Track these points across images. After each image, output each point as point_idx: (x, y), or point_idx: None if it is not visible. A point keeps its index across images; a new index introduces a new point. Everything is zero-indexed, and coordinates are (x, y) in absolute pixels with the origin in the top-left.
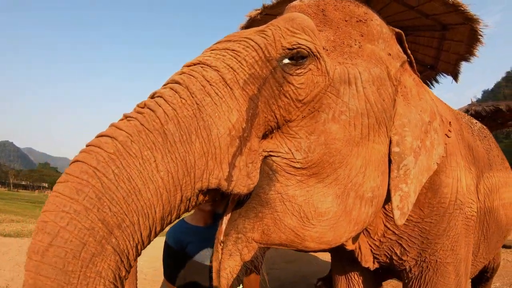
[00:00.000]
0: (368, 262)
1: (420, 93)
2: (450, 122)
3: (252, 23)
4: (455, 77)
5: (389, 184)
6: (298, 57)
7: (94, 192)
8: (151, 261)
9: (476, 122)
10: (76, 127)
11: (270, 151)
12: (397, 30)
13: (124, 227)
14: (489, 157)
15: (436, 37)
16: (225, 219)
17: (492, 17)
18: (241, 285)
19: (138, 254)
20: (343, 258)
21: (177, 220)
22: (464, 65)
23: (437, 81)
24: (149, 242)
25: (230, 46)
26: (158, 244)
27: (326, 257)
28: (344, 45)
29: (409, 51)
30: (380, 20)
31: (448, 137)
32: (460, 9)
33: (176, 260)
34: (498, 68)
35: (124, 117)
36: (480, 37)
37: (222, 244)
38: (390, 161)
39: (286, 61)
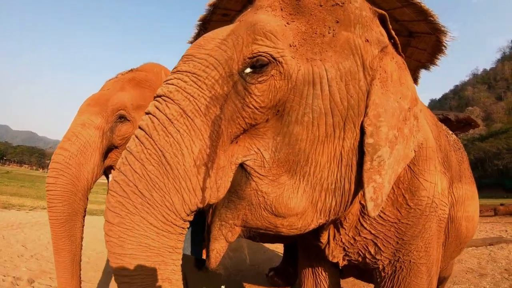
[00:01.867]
0: (337, 257)
1: (401, 78)
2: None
3: (222, 0)
4: (414, 82)
5: (362, 176)
6: (259, 65)
7: None
8: (93, 243)
9: (452, 134)
10: (36, 99)
11: (242, 157)
12: (380, 11)
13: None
14: (460, 168)
15: (401, 43)
16: (211, 211)
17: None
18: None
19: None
20: (311, 253)
21: None
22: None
23: None
24: None
25: (191, 68)
26: (98, 224)
27: (272, 246)
28: (316, 35)
29: (392, 32)
30: (360, 1)
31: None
32: (430, 19)
33: None
34: (447, 80)
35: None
36: (444, 48)
37: (206, 229)
38: (364, 153)
39: (247, 70)
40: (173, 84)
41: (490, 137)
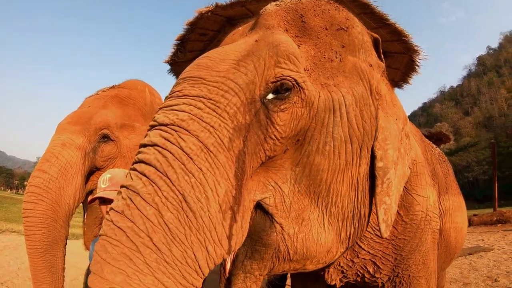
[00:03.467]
0: (334, 280)
1: (393, 100)
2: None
3: (200, 20)
4: None
5: (374, 199)
6: (283, 89)
7: None
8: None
9: (436, 147)
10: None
11: (260, 195)
12: (374, 35)
13: None
14: (446, 181)
15: None
16: (231, 260)
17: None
18: None
19: None
20: (305, 276)
21: None
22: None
23: None
24: None
25: (206, 93)
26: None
27: None
28: (325, 59)
29: (382, 56)
30: (361, 26)
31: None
32: (403, 39)
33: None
34: (415, 98)
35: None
36: (417, 67)
37: (226, 280)
38: (374, 176)
39: (270, 96)
40: (184, 111)
41: (459, 151)
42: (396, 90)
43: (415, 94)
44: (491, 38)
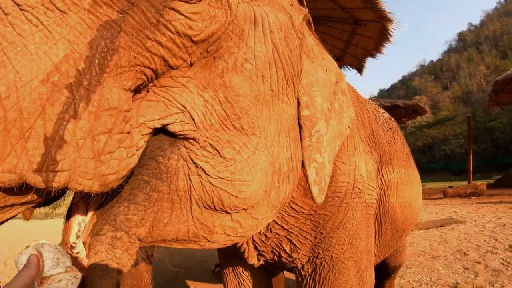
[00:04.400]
0: (253, 258)
1: (322, 53)
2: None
3: None
4: (360, 71)
5: (302, 156)
6: None
7: None
8: (16, 247)
9: (384, 112)
10: None
11: (161, 120)
12: None
13: None
14: (390, 150)
15: (347, 31)
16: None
17: (399, 27)
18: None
19: None
20: (229, 252)
21: None
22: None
23: None
24: None
25: None
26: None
27: None
28: None
29: (306, 9)
30: None
31: None
32: (376, 6)
33: None
34: (395, 71)
35: None
36: (389, 36)
37: (74, 253)
38: (300, 127)
39: None
40: None
41: (437, 124)
42: (372, 61)
43: (395, 67)
44: (473, 15)
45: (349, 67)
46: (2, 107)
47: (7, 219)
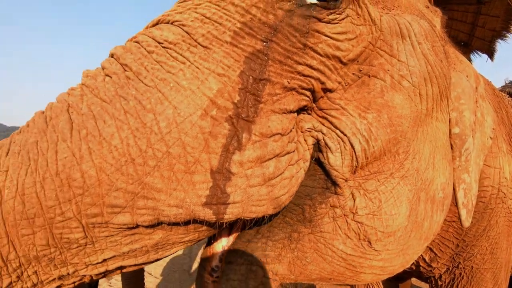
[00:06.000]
0: None
1: (457, 55)
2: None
3: None
4: (491, 55)
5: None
6: None
7: None
8: None
9: None
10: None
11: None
12: None
13: None
14: None
15: (471, 11)
16: (224, 240)
17: None
18: None
19: None
20: None
21: None
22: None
23: (470, 60)
24: None
25: None
26: None
27: None
28: None
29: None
30: None
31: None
32: None
33: None
34: None
35: None
36: None
37: (214, 277)
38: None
39: (310, 0)
40: (174, 10)
41: None
42: (502, 43)
43: None
44: None
45: (478, 52)
46: (165, 143)
47: (163, 257)
